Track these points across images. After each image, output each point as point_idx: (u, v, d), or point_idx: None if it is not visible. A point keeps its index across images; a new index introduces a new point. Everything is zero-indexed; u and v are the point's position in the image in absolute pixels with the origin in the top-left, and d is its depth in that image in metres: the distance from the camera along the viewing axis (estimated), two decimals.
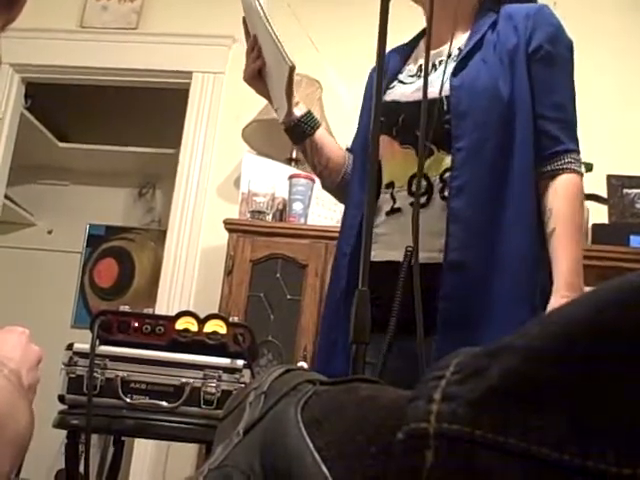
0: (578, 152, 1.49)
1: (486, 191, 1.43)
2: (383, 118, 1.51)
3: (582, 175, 1.48)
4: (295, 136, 1.63)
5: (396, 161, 1.51)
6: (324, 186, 1.77)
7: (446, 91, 1.45)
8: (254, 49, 1.57)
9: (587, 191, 2.64)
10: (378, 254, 1.45)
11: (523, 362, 0.35)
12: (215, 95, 3.34)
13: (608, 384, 0.33)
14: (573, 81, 1.53)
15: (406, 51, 1.65)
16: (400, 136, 1.51)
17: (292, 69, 1.47)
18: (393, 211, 1.50)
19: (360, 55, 1.83)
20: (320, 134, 1.63)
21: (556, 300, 1.37)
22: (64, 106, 4.24)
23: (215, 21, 3.34)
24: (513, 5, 1.55)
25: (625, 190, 2.71)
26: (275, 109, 1.62)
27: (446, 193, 1.44)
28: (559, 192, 1.44)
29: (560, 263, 1.40)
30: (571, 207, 1.44)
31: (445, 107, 1.45)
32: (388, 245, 1.46)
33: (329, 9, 3.32)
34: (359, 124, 1.71)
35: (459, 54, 1.50)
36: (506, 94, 1.44)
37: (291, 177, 2.82)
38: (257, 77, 1.59)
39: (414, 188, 1.48)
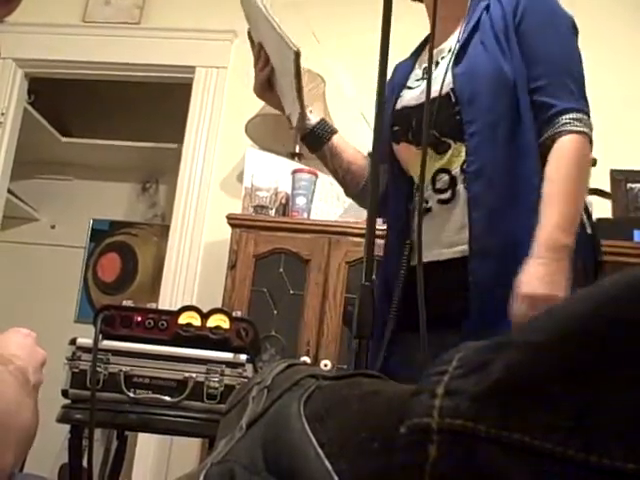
0: (577, 110, 1.38)
1: (502, 172, 1.39)
2: (397, 127, 1.52)
3: (583, 133, 1.36)
4: (312, 143, 1.61)
5: (416, 163, 1.49)
6: (348, 193, 1.72)
7: (450, 84, 1.44)
8: (260, 57, 1.54)
9: (590, 185, 2.65)
10: (414, 256, 1.45)
11: (526, 357, 0.35)
12: (218, 90, 3.33)
13: (610, 379, 0.33)
14: (564, 39, 1.45)
15: (411, 61, 1.65)
16: (416, 139, 1.51)
17: (297, 54, 1.40)
18: (425, 211, 1.48)
19: (364, 50, 1.82)
20: (338, 139, 1.62)
21: (531, 264, 1.28)
22: (67, 101, 4.24)
23: (217, 16, 3.34)
24: None
25: (629, 185, 2.70)
26: (287, 115, 1.58)
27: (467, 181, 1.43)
28: (552, 157, 1.36)
29: (543, 222, 1.29)
30: (563, 166, 1.34)
31: (453, 99, 1.44)
32: (424, 246, 1.39)
33: (332, 2, 3.31)
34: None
35: (458, 44, 1.49)
36: (510, 72, 1.41)
37: (294, 172, 2.82)
38: (267, 87, 1.57)
39: (437, 185, 1.47)
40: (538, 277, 1.26)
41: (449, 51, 1.51)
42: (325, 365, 2.44)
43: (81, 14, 3.55)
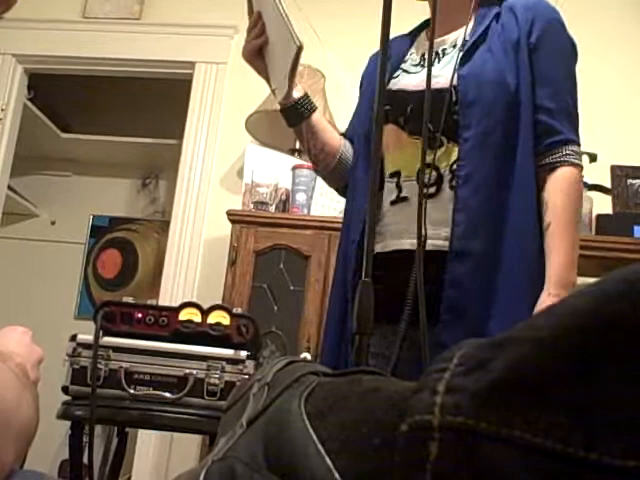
0: (577, 143, 1.48)
1: (492, 180, 1.43)
2: (389, 107, 1.50)
3: (581, 167, 1.48)
4: (292, 118, 1.61)
5: (404, 151, 1.50)
6: (317, 170, 1.76)
7: (454, 81, 1.45)
8: (257, 25, 1.54)
9: (591, 181, 2.65)
10: (386, 244, 1.47)
11: (526, 354, 0.35)
12: (218, 85, 3.33)
13: (610, 377, 0.33)
14: (573, 72, 1.52)
15: (408, 40, 1.65)
16: (409, 126, 1.51)
17: (300, 49, 1.41)
18: (399, 200, 1.50)
19: (364, 45, 1.82)
20: (317, 117, 1.62)
21: (545, 298, 1.37)
22: (67, 97, 4.24)
23: (218, 11, 3.33)
24: None
25: (629, 180, 2.70)
26: (273, 89, 1.59)
27: (455, 183, 1.44)
28: (556, 186, 1.44)
29: (552, 259, 1.41)
30: (567, 202, 1.43)
31: (454, 98, 1.45)
32: (394, 234, 1.47)
33: None
34: (358, 110, 1.70)
35: (464, 44, 1.50)
36: (513, 84, 1.44)
37: (294, 168, 2.82)
38: (257, 55, 1.56)
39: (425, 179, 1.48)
40: None
41: (453, 46, 1.52)
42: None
43: (81, 10, 3.54)
